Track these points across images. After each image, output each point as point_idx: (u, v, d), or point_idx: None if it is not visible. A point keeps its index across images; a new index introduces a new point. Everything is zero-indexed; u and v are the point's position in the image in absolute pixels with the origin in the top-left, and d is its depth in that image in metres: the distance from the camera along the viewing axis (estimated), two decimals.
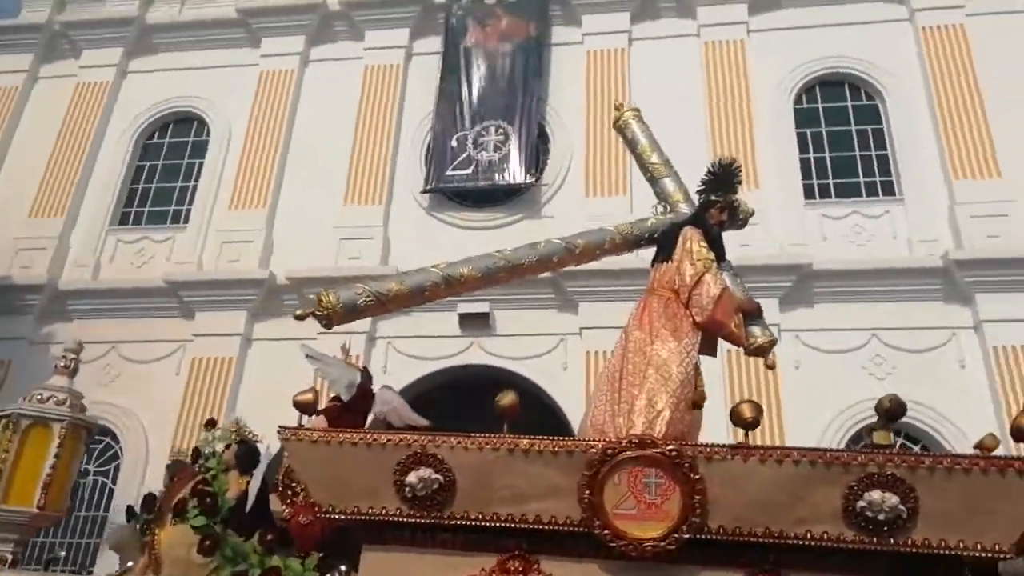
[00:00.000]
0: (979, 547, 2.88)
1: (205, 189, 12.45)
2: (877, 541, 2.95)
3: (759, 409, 3.33)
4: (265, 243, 11.67)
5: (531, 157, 11.53)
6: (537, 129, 11.82)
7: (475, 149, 11.80)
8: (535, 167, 11.57)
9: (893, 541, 2.93)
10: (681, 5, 12.46)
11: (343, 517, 3.35)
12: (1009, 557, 2.91)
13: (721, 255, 4.24)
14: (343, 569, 3.57)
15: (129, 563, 4.40)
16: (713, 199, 4.40)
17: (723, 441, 3.27)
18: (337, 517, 3.36)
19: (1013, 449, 3.63)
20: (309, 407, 3.50)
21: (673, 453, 3.14)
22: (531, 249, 4.25)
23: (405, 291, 3.85)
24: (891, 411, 3.31)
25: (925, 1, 11.72)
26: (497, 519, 3.23)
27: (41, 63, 14.00)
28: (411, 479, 3.25)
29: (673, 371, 3.75)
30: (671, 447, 3.17)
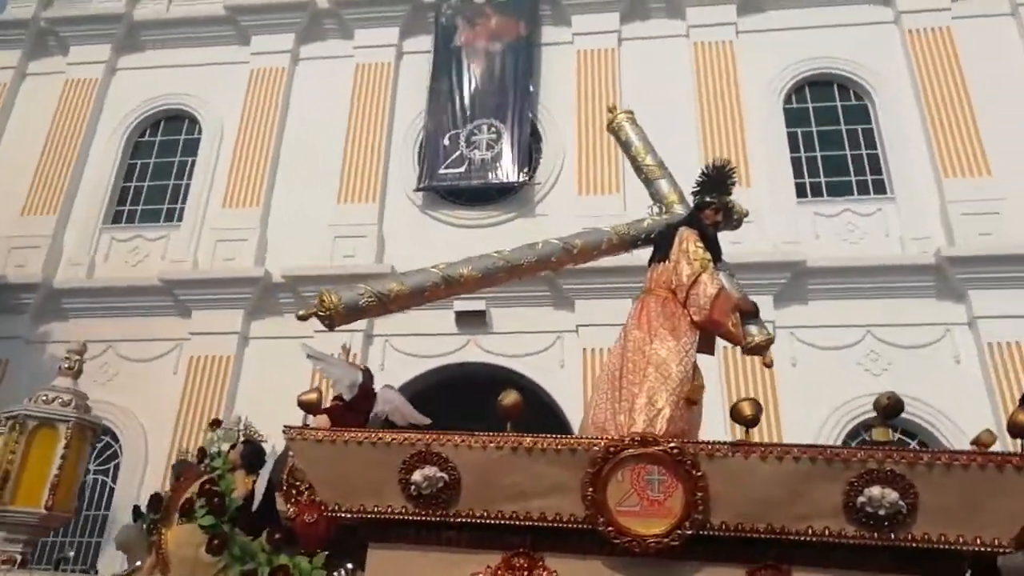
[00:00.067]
0: (978, 542, 2.93)
1: (198, 187, 12.40)
2: (878, 536, 3.00)
3: (759, 407, 3.38)
4: (260, 241, 11.63)
5: (524, 156, 11.54)
6: (529, 128, 11.82)
7: (468, 147, 11.79)
8: (528, 166, 11.58)
9: (893, 536, 2.99)
10: (670, 6, 12.49)
11: (349, 516, 3.38)
12: (1008, 551, 2.97)
13: (717, 255, 4.28)
14: (349, 567, 3.59)
15: (137, 562, 4.42)
16: (708, 200, 4.43)
17: (721, 438, 3.31)
18: (343, 516, 3.39)
19: (1010, 445, 3.68)
20: (313, 407, 3.52)
21: (675, 451, 3.19)
22: (529, 249, 4.28)
23: (406, 291, 3.88)
24: (889, 408, 3.38)
25: (911, 4, 11.81)
26: (502, 517, 3.27)
27: (29, 59, 13.86)
28: (416, 477, 3.28)
29: (672, 370, 3.78)
30: (673, 445, 3.21)
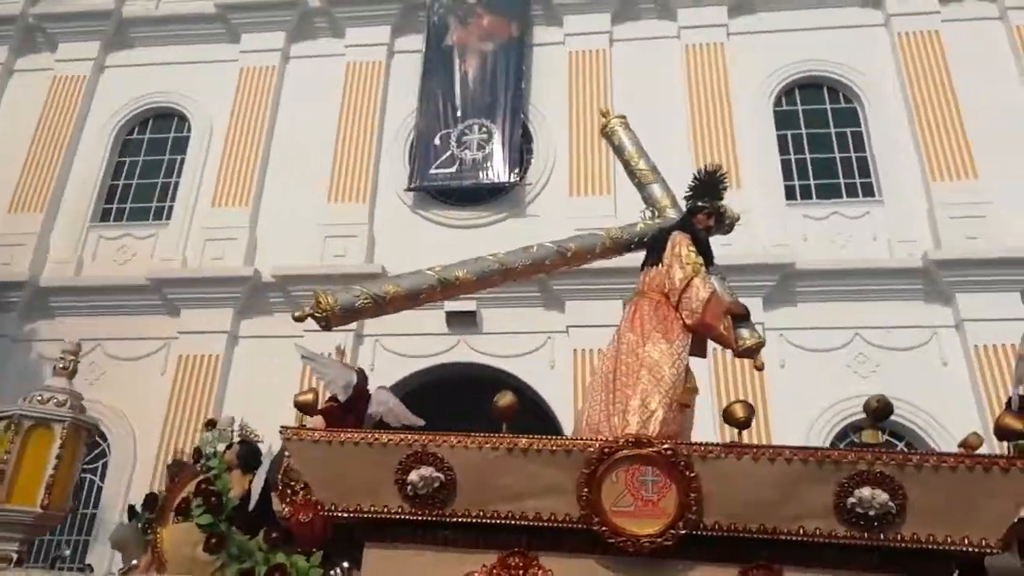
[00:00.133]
0: (966, 542, 2.99)
1: (187, 185, 12.34)
2: (868, 536, 3.05)
3: (751, 409, 3.44)
4: (249, 240, 11.59)
5: (515, 156, 11.55)
6: (521, 128, 11.84)
7: (459, 147, 11.80)
8: (519, 166, 11.60)
9: (883, 536, 3.04)
10: (661, 7, 12.53)
11: (345, 515, 3.39)
12: (996, 552, 3.03)
13: (709, 259, 4.33)
14: (345, 566, 3.61)
15: (133, 561, 4.43)
16: (700, 205, 4.48)
17: (711, 439, 3.36)
18: (339, 515, 3.40)
19: (996, 447, 3.76)
20: (310, 407, 3.54)
21: (669, 452, 3.23)
22: (524, 252, 4.31)
23: (402, 293, 3.90)
24: (879, 411, 3.44)
25: (901, 7, 11.90)
26: (497, 516, 3.29)
27: (16, 56, 13.74)
28: (412, 478, 3.30)
29: (665, 372, 3.83)
30: (667, 446, 3.25)
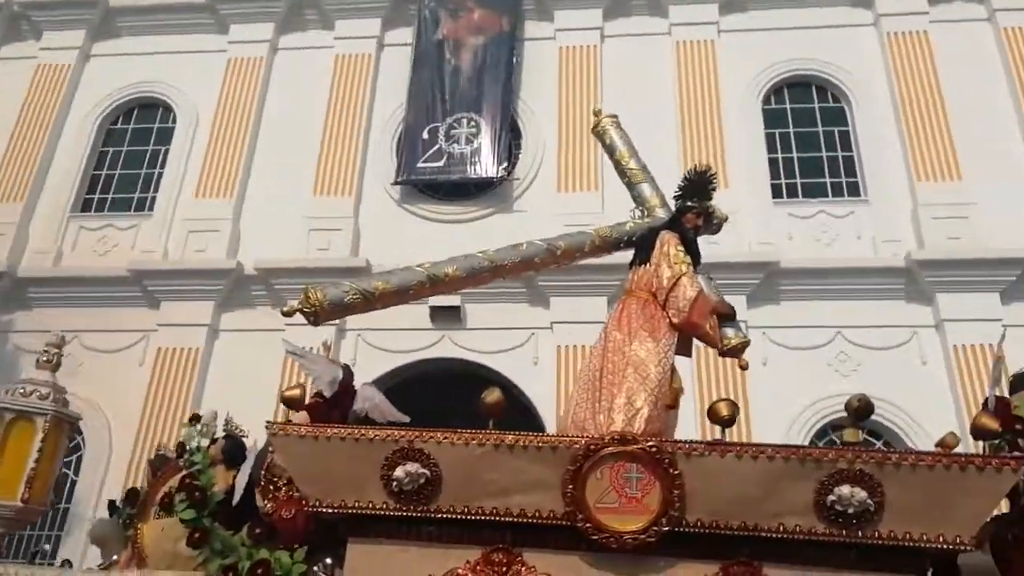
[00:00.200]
0: (941, 539, 3.04)
1: (171, 176, 12.24)
2: (846, 534, 3.09)
3: (735, 407, 3.49)
4: (232, 232, 11.52)
5: (503, 151, 11.54)
6: (509, 123, 11.84)
7: (447, 141, 11.78)
8: (507, 161, 11.60)
9: (861, 534, 3.08)
10: (653, 3, 12.55)
11: (330, 511, 3.40)
12: (969, 549, 3.09)
13: (697, 259, 4.36)
14: (328, 562, 3.61)
15: (114, 556, 4.40)
16: (689, 205, 4.51)
17: (693, 437, 3.40)
18: (324, 511, 3.41)
19: (972, 447, 3.82)
20: (297, 402, 3.53)
21: (653, 449, 3.25)
22: (513, 250, 4.32)
23: (391, 289, 3.90)
24: (860, 410, 3.50)
25: (890, 7, 11.99)
26: (482, 513, 3.31)
27: (0, 44, 13.56)
28: (398, 473, 3.31)
29: (651, 371, 3.86)
30: (652, 443, 3.28)
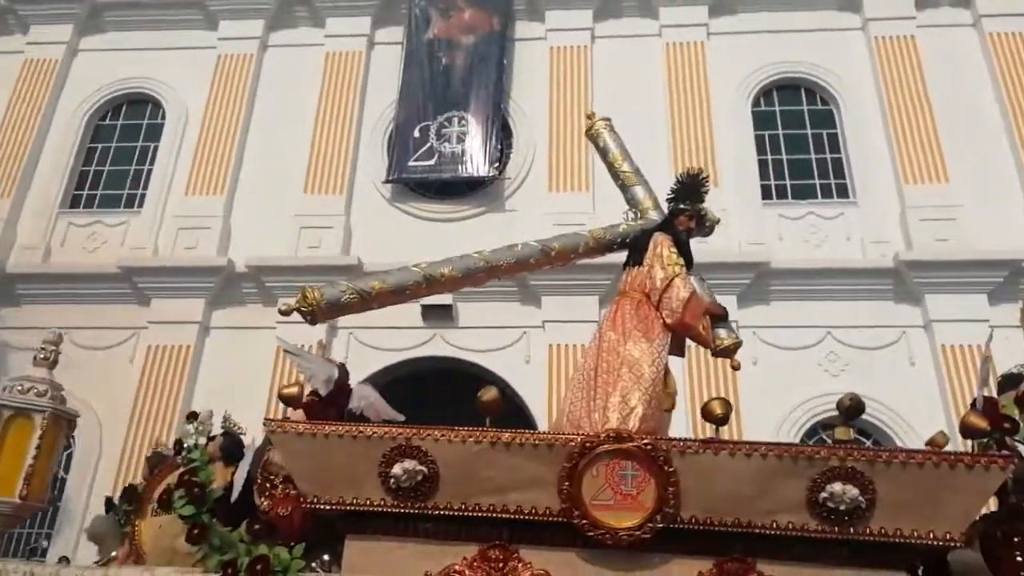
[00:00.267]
0: (931, 536, 3.11)
1: (160, 173, 12.16)
2: (838, 530, 3.16)
3: (729, 406, 3.55)
4: (223, 230, 11.46)
5: (494, 150, 11.55)
6: (500, 122, 11.86)
7: (438, 140, 11.78)
8: (498, 160, 11.61)
9: (853, 530, 3.15)
10: (643, 4, 12.60)
11: (328, 508, 3.42)
12: (959, 546, 3.15)
13: (689, 261, 4.41)
14: (325, 559, 3.64)
15: (113, 553, 4.40)
16: (682, 207, 4.57)
17: (685, 434, 3.45)
18: (322, 507, 3.43)
19: (961, 445, 3.90)
20: (294, 400, 3.55)
21: (648, 447, 3.31)
22: (508, 251, 4.36)
23: (388, 289, 3.92)
24: (851, 409, 3.57)
25: (878, 12, 12.09)
26: (479, 509, 3.35)
27: None
28: (396, 471, 3.34)
29: (645, 370, 3.90)
30: (647, 441, 3.33)
